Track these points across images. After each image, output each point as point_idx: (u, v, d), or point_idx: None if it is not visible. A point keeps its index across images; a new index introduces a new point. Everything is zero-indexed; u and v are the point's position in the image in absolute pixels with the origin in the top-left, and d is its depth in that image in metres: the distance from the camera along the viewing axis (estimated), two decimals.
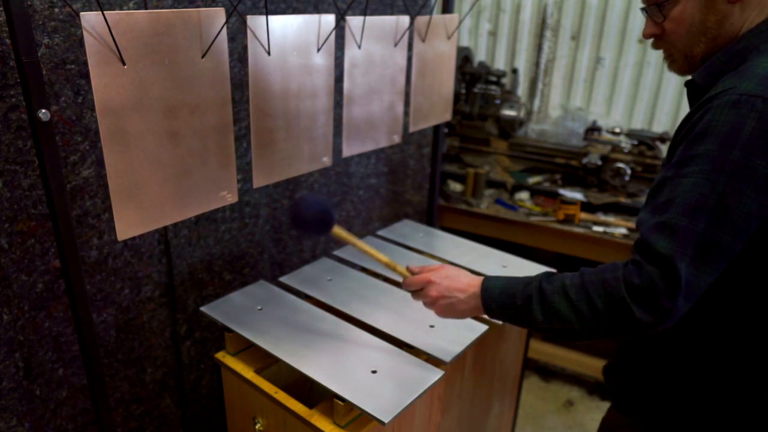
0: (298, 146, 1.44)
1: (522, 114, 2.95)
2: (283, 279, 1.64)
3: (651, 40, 1.13)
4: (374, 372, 1.24)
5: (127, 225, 1.09)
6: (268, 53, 1.27)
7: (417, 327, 1.42)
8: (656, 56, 2.86)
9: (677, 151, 0.97)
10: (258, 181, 1.37)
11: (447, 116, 2.01)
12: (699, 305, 0.97)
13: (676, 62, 1.10)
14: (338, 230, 1.24)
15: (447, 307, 1.15)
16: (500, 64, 3.28)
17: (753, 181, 0.88)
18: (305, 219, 1.22)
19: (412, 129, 1.88)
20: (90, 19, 0.94)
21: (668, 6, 1.05)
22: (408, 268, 1.22)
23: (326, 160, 1.54)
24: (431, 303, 1.17)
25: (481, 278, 1.13)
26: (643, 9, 1.10)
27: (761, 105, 0.88)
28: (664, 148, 2.79)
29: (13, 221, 1.22)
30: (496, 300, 1.08)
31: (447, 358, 1.30)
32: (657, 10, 1.07)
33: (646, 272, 0.91)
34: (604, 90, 3.05)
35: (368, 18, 1.53)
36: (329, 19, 1.40)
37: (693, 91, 1.10)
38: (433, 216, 2.33)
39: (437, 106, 1.94)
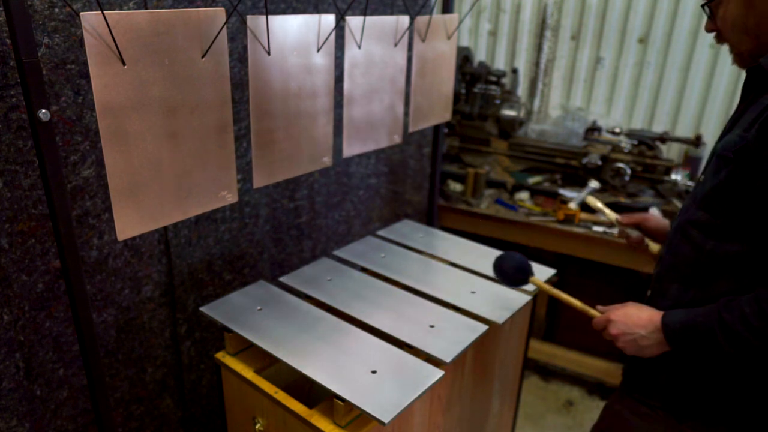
0: (299, 146, 1.44)
1: (522, 114, 2.95)
2: (283, 279, 1.64)
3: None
4: (374, 372, 1.24)
5: (127, 225, 1.09)
6: (268, 53, 1.27)
7: (417, 327, 1.42)
8: (656, 56, 2.86)
9: None
10: (258, 182, 1.37)
11: (447, 116, 2.01)
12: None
13: (735, 57, 1.13)
14: (536, 280, 1.45)
15: (631, 343, 1.18)
16: (500, 64, 3.28)
17: None
18: (505, 271, 1.48)
19: (412, 129, 1.88)
20: (90, 19, 0.94)
21: (714, 6, 1.09)
22: (597, 308, 1.29)
23: (326, 160, 1.54)
24: (615, 340, 1.21)
25: (661, 313, 1.15)
26: (703, 5, 1.14)
27: None
28: (664, 148, 2.79)
29: (13, 221, 1.22)
30: (679, 335, 1.11)
31: (447, 358, 1.30)
32: (708, 9, 1.11)
33: None
34: (604, 90, 3.05)
35: (368, 18, 1.53)
36: (329, 19, 1.40)
37: (756, 76, 1.09)
38: (433, 216, 2.33)
39: (437, 106, 1.94)
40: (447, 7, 1.98)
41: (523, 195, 2.74)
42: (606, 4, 2.93)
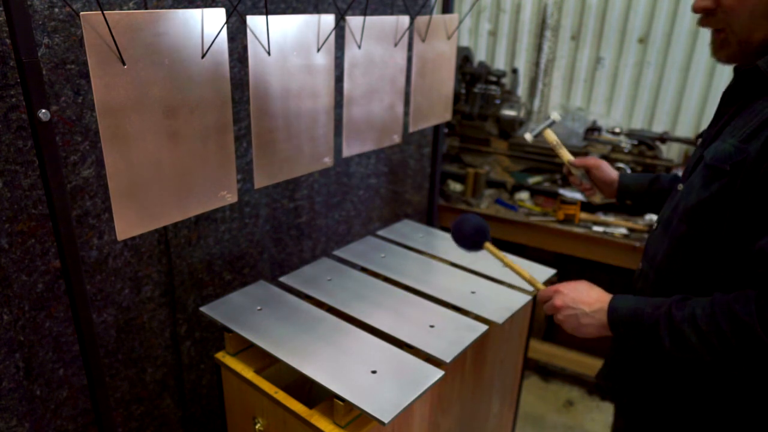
0: (299, 146, 1.44)
1: (522, 114, 2.95)
2: (283, 279, 1.64)
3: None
4: (374, 372, 1.24)
5: (127, 225, 1.09)
6: (268, 53, 1.27)
7: (417, 327, 1.42)
8: (656, 56, 2.85)
9: None
10: (259, 182, 1.36)
11: (447, 116, 2.01)
12: None
13: (727, 47, 0.99)
14: (490, 246, 1.41)
15: (570, 318, 1.12)
16: (500, 64, 3.28)
17: None
18: (464, 234, 1.45)
19: (412, 129, 1.88)
20: (90, 19, 0.94)
21: None
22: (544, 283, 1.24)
23: (327, 161, 1.54)
24: (555, 311, 1.15)
25: (611, 296, 1.10)
26: None
27: None
28: (664, 148, 2.79)
29: (13, 221, 1.22)
30: (624, 320, 1.05)
31: (447, 358, 1.30)
32: None
33: None
34: (604, 90, 3.05)
35: (368, 18, 1.53)
36: (329, 19, 1.40)
37: (749, 79, 0.98)
38: (433, 216, 2.33)
39: (437, 106, 1.94)
40: (447, 7, 1.98)
41: (523, 195, 2.74)
42: (606, 4, 2.93)
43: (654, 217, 2.17)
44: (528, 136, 1.64)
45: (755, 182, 0.91)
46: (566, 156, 1.55)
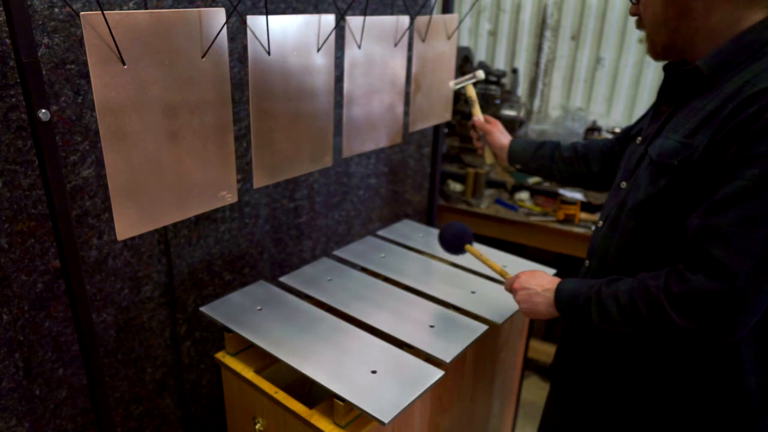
0: (299, 146, 1.44)
1: (522, 114, 2.95)
2: (283, 279, 1.64)
3: (636, 23, 1.15)
4: (374, 372, 1.24)
5: (127, 225, 1.09)
6: (268, 53, 1.27)
7: (417, 327, 1.42)
8: None
9: (731, 151, 0.90)
10: (259, 182, 1.36)
11: (447, 116, 2.01)
12: None
13: (649, 46, 1.12)
14: (470, 248, 1.50)
15: (526, 297, 1.24)
16: (500, 64, 3.28)
17: None
18: (446, 236, 1.54)
19: (412, 129, 1.88)
20: (90, 19, 0.94)
21: None
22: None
23: (327, 160, 1.54)
24: (514, 293, 1.28)
25: (562, 279, 1.20)
26: None
27: None
28: None
29: (13, 221, 1.22)
30: (565, 299, 1.15)
31: (447, 358, 1.30)
32: None
33: (689, 279, 0.91)
34: (604, 90, 3.05)
35: (368, 18, 1.53)
36: (329, 19, 1.40)
37: (688, 79, 1.05)
38: (433, 216, 2.33)
39: (437, 106, 1.94)
40: (447, 7, 1.98)
41: (523, 195, 2.74)
42: (606, 4, 2.93)
43: None
44: (451, 84, 1.75)
45: (702, 175, 0.95)
46: (476, 114, 1.66)
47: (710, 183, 0.93)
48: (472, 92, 1.67)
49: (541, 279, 1.23)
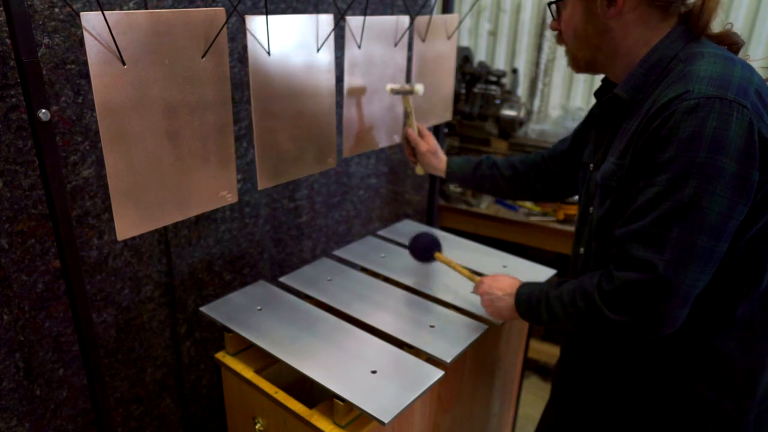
0: (303, 147, 1.44)
1: (522, 114, 2.94)
2: (283, 279, 1.64)
3: (557, 39, 1.18)
4: (374, 372, 1.24)
5: (127, 225, 1.09)
6: (268, 53, 1.27)
7: (417, 327, 1.42)
8: None
9: (645, 161, 0.98)
10: (263, 183, 1.36)
11: (447, 116, 2.01)
12: None
13: (570, 60, 1.16)
14: (439, 255, 1.58)
15: (489, 302, 1.34)
16: (500, 64, 3.28)
17: (721, 179, 0.90)
18: (415, 248, 1.64)
19: None
20: (90, 19, 0.94)
21: (560, 7, 1.12)
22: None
23: (331, 161, 1.54)
24: (480, 296, 1.37)
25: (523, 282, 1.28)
26: (548, 4, 1.16)
27: (719, 105, 0.90)
28: None
29: (13, 221, 1.22)
30: (523, 302, 1.23)
31: (447, 358, 1.30)
32: (554, 8, 1.14)
33: (615, 278, 0.99)
34: None
35: (368, 18, 1.53)
36: (329, 19, 1.40)
37: (614, 105, 1.11)
38: (433, 216, 2.33)
39: (437, 106, 1.94)
40: (447, 7, 1.98)
41: None
42: None
43: None
44: (388, 87, 1.65)
45: (630, 189, 1.02)
46: (410, 125, 1.69)
47: (633, 194, 1.01)
48: (408, 104, 1.67)
49: (502, 283, 1.31)
